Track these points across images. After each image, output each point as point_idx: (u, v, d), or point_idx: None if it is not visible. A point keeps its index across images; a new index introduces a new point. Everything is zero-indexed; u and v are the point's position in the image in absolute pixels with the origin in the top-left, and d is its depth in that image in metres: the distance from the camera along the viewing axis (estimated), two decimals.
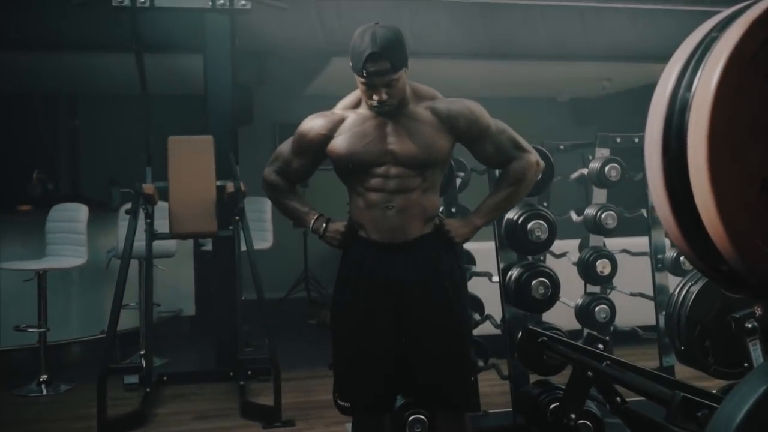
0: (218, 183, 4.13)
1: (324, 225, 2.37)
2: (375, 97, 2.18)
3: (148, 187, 3.89)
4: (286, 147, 2.44)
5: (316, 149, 2.35)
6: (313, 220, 2.40)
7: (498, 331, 3.47)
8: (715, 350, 2.50)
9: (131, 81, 4.35)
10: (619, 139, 3.96)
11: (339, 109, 2.35)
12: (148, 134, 4.23)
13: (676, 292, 2.61)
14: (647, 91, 5.11)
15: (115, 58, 5.00)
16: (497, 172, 2.64)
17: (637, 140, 3.99)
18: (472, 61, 5.56)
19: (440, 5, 4.94)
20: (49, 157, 7.35)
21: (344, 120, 2.31)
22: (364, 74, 2.14)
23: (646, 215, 4.04)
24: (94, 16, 4.48)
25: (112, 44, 4.59)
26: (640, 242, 4.31)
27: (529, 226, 3.09)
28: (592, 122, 8.00)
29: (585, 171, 3.94)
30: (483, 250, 3.80)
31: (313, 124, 2.34)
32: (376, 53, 2.11)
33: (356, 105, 2.32)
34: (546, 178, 3.12)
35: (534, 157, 2.37)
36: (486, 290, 3.67)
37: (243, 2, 3.76)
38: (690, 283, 2.58)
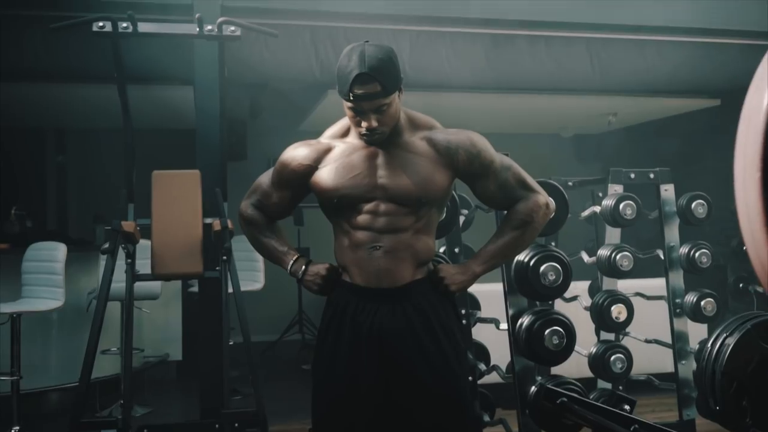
0: (206, 220, 3.87)
1: (303, 267, 2.10)
2: (364, 124, 1.93)
3: (128, 225, 3.62)
4: (265, 178, 2.19)
5: (298, 182, 2.09)
6: (291, 262, 2.12)
7: (505, 379, 3.18)
8: (754, 410, 2.21)
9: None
10: (633, 175, 3.73)
11: (326, 137, 2.10)
12: (130, 167, 3.97)
13: (709, 345, 2.33)
14: (650, 127, 4.91)
15: (106, 89, 4.78)
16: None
17: (652, 176, 3.75)
18: (473, 94, 5.35)
19: (441, 35, 4.73)
20: (35, 193, 7.10)
21: (331, 150, 2.06)
22: (352, 98, 1.89)
23: (662, 256, 3.78)
24: (85, 45, 4.27)
25: (102, 75, 4.35)
26: (655, 285, 4.08)
27: (541, 269, 2.82)
28: (596, 159, 7.81)
29: (597, 209, 3.70)
30: (489, 294, 3.51)
31: (296, 153, 2.09)
32: (364, 74, 1.86)
33: (345, 133, 2.07)
34: (560, 217, 2.85)
35: (543, 198, 2.10)
36: (492, 337, 3.39)
37: (232, 29, 3.52)
38: (725, 334, 2.30)
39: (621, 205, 3.51)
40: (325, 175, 2.02)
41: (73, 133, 7.26)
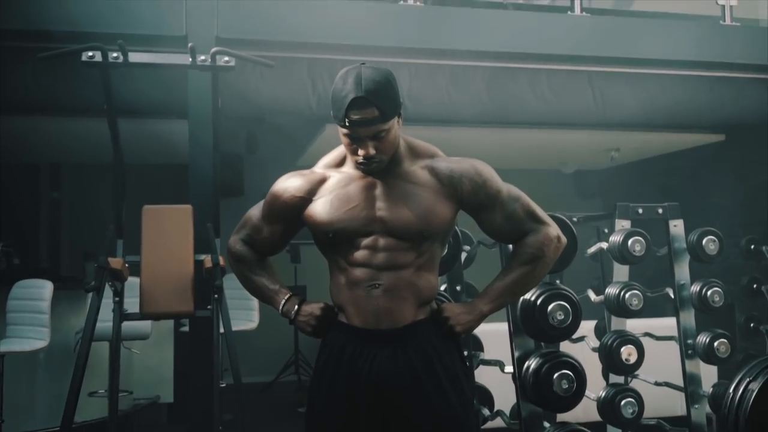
0: (198, 257, 3.74)
1: (296, 307, 1.94)
2: (361, 152, 1.80)
3: (116, 261, 3.49)
4: (255, 212, 2.04)
5: (291, 215, 1.95)
6: (282, 301, 1.96)
7: (510, 425, 3.01)
8: None
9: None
10: (641, 210, 3.61)
11: (320, 167, 1.96)
12: (120, 202, 3.85)
13: (731, 390, 2.18)
14: (653, 163, 4.79)
15: (101, 123, 4.68)
16: (510, 247, 2.23)
17: (660, 211, 3.63)
18: (473, 129, 5.24)
19: (441, 68, 4.64)
20: (27, 229, 6.97)
21: (326, 180, 1.92)
22: (347, 124, 1.76)
23: (672, 295, 3.63)
24: (78, 78, 4.18)
25: (97, 109, 4.24)
26: (665, 324, 3.94)
27: (549, 308, 2.66)
28: (597, 195, 7.70)
29: (604, 245, 3.56)
30: (493, 334, 3.35)
31: (288, 184, 1.95)
32: (361, 98, 1.73)
33: (340, 163, 1.94)
34: (569, 253, 2.70)
35: (554, 230, 1.95)
36: (496, 380, 3.22)
37: (226, 59, 3.43)
38: (748, 378, 2.16)
39: (630, 241, 3.37)
40: (320, 207, 1.88)
41: (68, 168, 7.15)
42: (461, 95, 4.73)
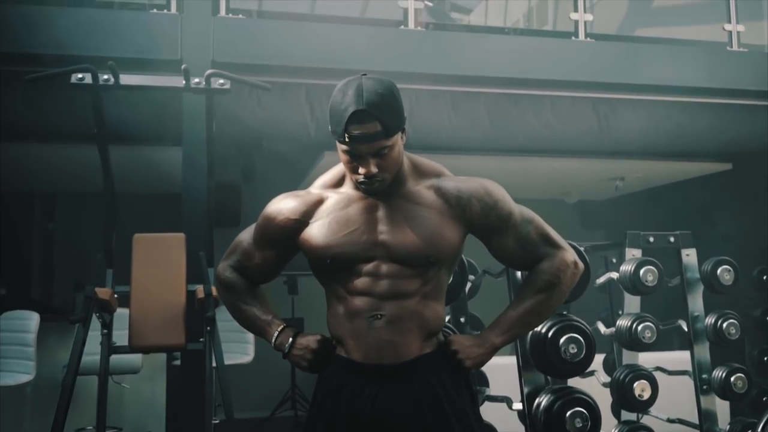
0: (190, 287, 3.59)
1: (290, 339, 1.79)
2: (362, 170, 1.66)
3: (104, 292, 3.34)
4: (246, 236, 1.89)
5: (285, 239, 1.80)
6: (276, 333, 1.81)
7: None
8: None
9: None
10: (651, 239, 3.47)
11: (317, 187, 1.82)
12: (110, 230, 3.71)
13: (760, 429, 2.02)
14: (658, 192, 4.63)
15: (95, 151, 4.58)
16: (520, 274, 2.09)
17: (672, 239, 3.49)
18: (474, 156, 5.12)
19: (442, 93, 4.53)
20: (18, 259, 6.82)
21: (323, 201, 1.78)
22: (347, 139, 1.63)
23: (686, 328, 3.48)
24: (70, 103, 4.07)
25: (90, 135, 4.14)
26: (677, 358, 3.79)
27: (561, 341, 2.51)
28: (601, 226, 7.57)
29: (614, 275, 3.41)
30: (499, 368, 3.17)
31: (282, 206, 1.80)
32: (362, 111, 1.61)
33: (339, 183, 1.80)
34: (583, 281, 2.56)
35: (570, 255, 1.80)
36: (503, 418, 3.05)
37: (221, 82, 3.31)
38: None
39: (642, 271, 3.23)
40: (317, 231, 1.74)
41: (64, 197, 7.03)
42: (463, 121, 4.62)
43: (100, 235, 3.82)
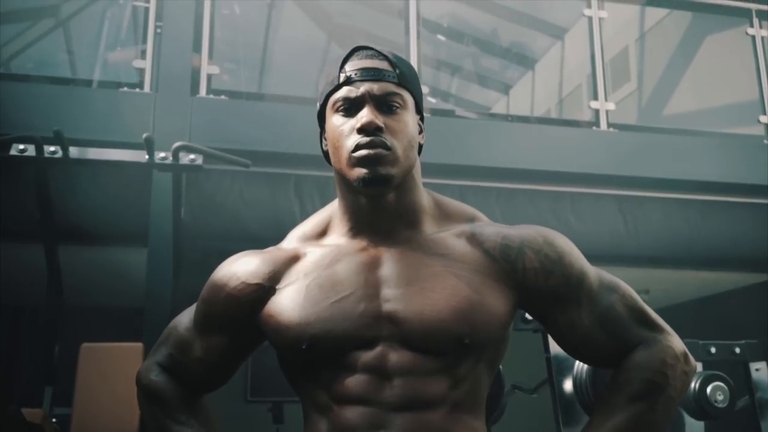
0: None
1: None
2: (361, 118, 1.09)
3: (33, 413, 2.69)
4: (184, 318, 1.27)
5: (240, 317, 1.17)
6: None
7: None
8: None
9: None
10: (713, 349, 2.82)
11: (292, 240, 1.22)
12: (52, 341, 3.10)
13: None
14: (680, 310, 3.87)
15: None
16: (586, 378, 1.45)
17: (738, 350, 2.85)
18: None
19: (448, 188, 3.99)
20: None
21: (298, 259, 1.17)
22: (343, 80, 1.12)
23: None
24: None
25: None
26: None
27: None
28: None
29: None
30: None
31: (237, 268, 1.19)
32: (367, 48, 1.15)
33: (322, 233, 1.21)
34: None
35: (678, 343, 1.16)
36: None
37: (192, 157, 2.77)
38: None
39: (709, 389, 2.57)
40: (288, 300, 1.11)
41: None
42: None
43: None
